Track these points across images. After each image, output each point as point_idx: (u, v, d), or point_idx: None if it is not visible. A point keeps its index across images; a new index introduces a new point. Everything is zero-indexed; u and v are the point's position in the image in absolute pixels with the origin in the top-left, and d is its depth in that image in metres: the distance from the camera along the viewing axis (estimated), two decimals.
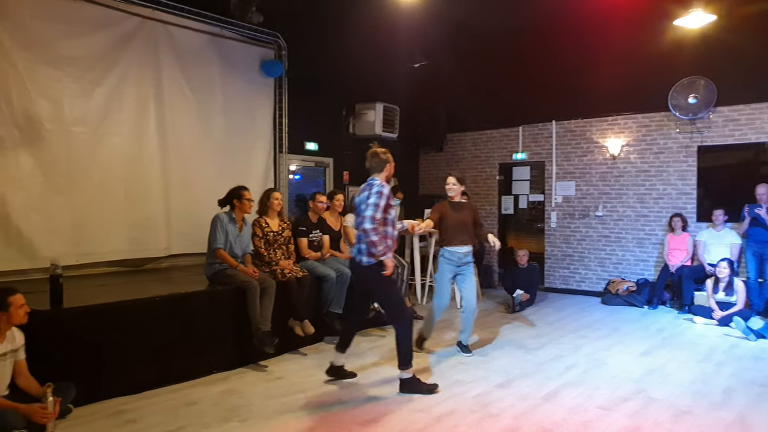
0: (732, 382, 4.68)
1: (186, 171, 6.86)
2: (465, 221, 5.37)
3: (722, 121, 7.79)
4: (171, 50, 6.74)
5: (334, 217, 6.39)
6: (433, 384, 4.44)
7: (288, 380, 4.72)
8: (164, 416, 3.91)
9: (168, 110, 6.70)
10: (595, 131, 8.86)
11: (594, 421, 3.87)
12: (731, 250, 7.35)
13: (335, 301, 5.90)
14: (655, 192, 8.34)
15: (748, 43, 7.17)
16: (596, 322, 7.02)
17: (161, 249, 6.63)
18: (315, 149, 8.76)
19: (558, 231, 9.23)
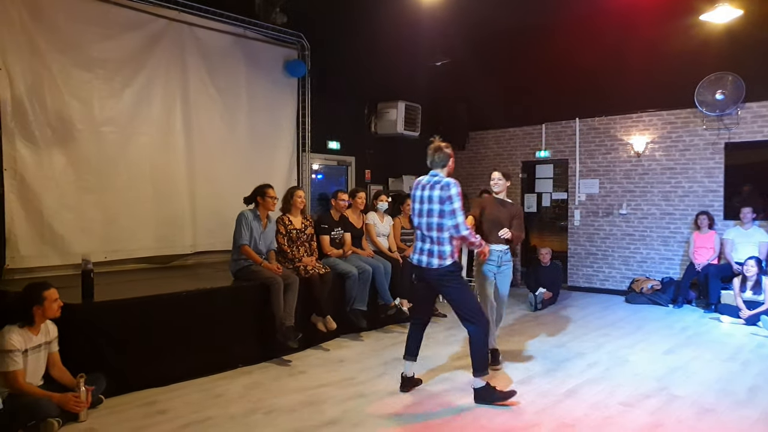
0: (758, 381, 4.63)
1: (211, 170, 6.99)
2: (501, 219, 4.85)
3: (751, 118, 7.65)
4: (197, 51, 6.88)
5: (355, 214, 6.46)
6: (511, 391, 4.10)
7: (311, 374, 4.81)
8: (192, 407, 4.02)
9: (194, 110, 6.84)
10: (619, 128, 8.78)
11: (615, 417, 3.87)
12: (760, 248, 7.23)
13: (359, 298, 5.97)
14: (681, 190, 8.23)
15: None
16: (619, 320, 6.97)
17: (187, 246, 6.78)
18: (337, 148, 8.84)
19: (581, 229, 9.16)
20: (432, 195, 4.04)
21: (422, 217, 4.10)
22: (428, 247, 4.06)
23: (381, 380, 4.64)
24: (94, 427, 3.68)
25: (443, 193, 3.98)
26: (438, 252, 4.01)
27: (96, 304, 4.29)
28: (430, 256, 4.04)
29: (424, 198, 4.08)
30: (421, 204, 4.11)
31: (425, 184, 4.13)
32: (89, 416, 3.79)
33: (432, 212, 4.03)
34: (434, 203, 4.02)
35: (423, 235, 4.10)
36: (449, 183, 4.02)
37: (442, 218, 4.00)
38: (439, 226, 4.01)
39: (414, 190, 4.21)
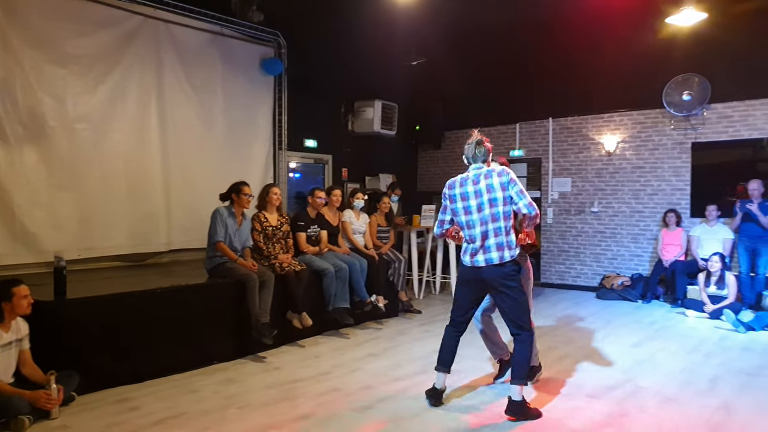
0: (719, 372, 4.80)
1: (187, 167, 6.98)
2: None
3: (716, 118, 7.89)
4: (172, 48, 6.86)
5: (332, 212, 6.52)
6: (537, 410, 3.84)
7: (286, 370, 4.85)
8: (166, 403, 4.04)
9: (169, 107, 6.83)
10: (591, 128, 8.96)
11: (582, 408, 3.99)
12: (724, 245, 7.46)
13: (339, 296, 6.02)
14: (650, 188, 8.45)
15: (740, 40, 7.26)
16: (590, 315, 7.13)
17: (162, 244, 6.76)
18: (314, 146, 8.87)
19: (554, 227, 9.34)
20: (490, 184, 3.75)
21: (477, 213, 3.79)
22: (491, 242, 3.76)
23: (355, 375, 4.71)
24: (67, 425, 3.68)
25: (503, 179, 3.74)
26: (506, 243, 3.75)
27: (68, 302, 4.28)
28: (499, 249, 3.74)
29: (481, 191, 3.77)
30: (475, 199, 3.79)
31: (474, 178, 3.83)
32: (61, 413, 3.79)
33: (494, 202, 3.74)
34: (494, 192, 3.74)
35: (481, 232, 3.78)
36: (504, 169, 3.82)
37: (506, 205, 3.75)
38: (506, 215, 3.75)
39: (453, 190, 3.91)
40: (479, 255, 3.81)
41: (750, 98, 7.60)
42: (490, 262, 3.77)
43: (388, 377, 4.63)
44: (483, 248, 3.79)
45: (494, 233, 3.76)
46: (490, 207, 3.76)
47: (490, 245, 3.77)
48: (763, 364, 5.03)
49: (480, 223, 3.79)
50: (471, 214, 3.83)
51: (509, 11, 8.35)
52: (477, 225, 3.80)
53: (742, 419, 3.77)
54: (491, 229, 3.76)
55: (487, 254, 3.79)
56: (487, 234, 3.77)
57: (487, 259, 3.79)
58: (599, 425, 3.68)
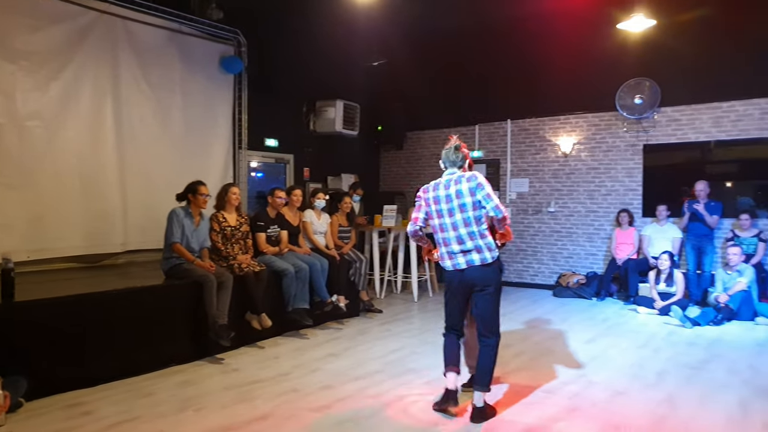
0: (666, 366, 4.99)
1: (144, 166, 6.86)
2: None
3: (666, 121, 8.19)
4: (129, 46, 6.73)
5: (292, 212, 6.50)
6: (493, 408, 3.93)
7: (244, 372, 4.82)
8: (120, 407, 3.97)
9: (125, 106, 6.69)
10: (548, 130, 9.18)
11: (536, 403, 4.09)
12: (673, 243, 7.75)
13: (299, 297, 5.99)
14: (604, 188, 8.71)
15: (686, 47, 7.57)
16: (546, 313, 7.31)
17: (118, 245, 6.63)
18: (275, 146, 8.82)
19: (512, 226, 9.43)
20: (459, 190, 3.79)
21: (448, 217, 3.83)
22: (468, 245, 3.79)
23: (315, 375, 4.71)
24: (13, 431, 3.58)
25: (472, 184, 3.77)
26: (485, 245, 3.77)
27: (16, 304, 4.15)
28: (478, 252, 3.77)
29: (451, 196, 3.81)
30: (446, 204, 3.83)
31: (446, 183, 3.86)
32: (8, 420, 3.68)
33: (464, 207, 3.77)
34: (463, 197, 3.78)
35: (456, 236, 3.81)
36: (474, 174, 3.85)
37: (476, 210, 3.76)
38: (477, 219, 3.77)
39: (427, 194, 3.94)
40: (459, 258, 3.84)
41: (696, 102, 7.92)
42: (472, 264, 3.81)
43: (348, 377, 4.65)
44: (461, 252, 3.82)
45: (469, 237, 3.78)
46: (461, 212, 3.79)
47: (468, 248, 3.80)
48: (707, 358, 5.25)
49: (452, 227, 3.83)
50: (443, 218, 3.86)
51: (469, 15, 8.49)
52: (449, 229, 3.85)
53: (685, 411, 3.94)
54: (465, 233, 3.79)
55: (467, 256, 3.82)
56: (461, 238, 3.81)
57: (468, 261, 3.82)
58: (552, 420, 3.78)
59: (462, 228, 3.79)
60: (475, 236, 3.76)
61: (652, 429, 3.64)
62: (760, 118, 7.55)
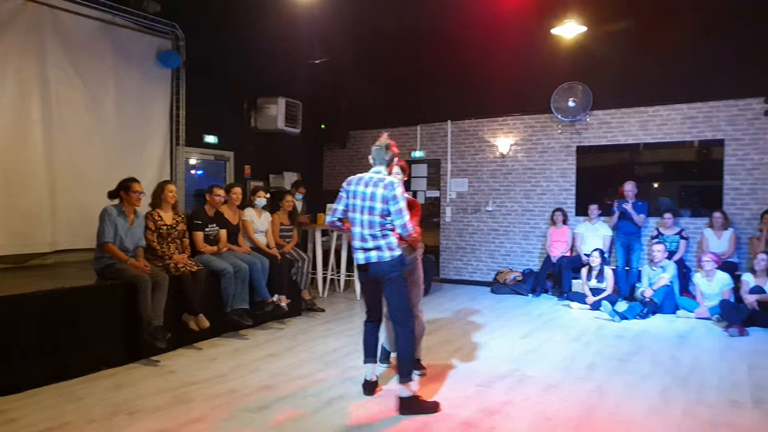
0: (596, 359, 5.23)
1: (75, 162, 6.58)
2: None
3: (597, 124, 8.56)
4: (57, 36, 6.43)
5: (231, 210, 6.40)
6: (435, 402, 3.99)
7: (181, 374, 4.72)
8: (48, 413, 3.81)
9: (54, 99, 6.39)
10: (486, 131, 9.41)
11: (473, 397, 4.21)
12: (603, 241, 8.12)
13: (238, 297, 5.90)
14: (540, 188, 9.01)
15: (616, 53, 7.95)
16: (484, 309, 7.50)
17: (47, 244, 6.32)
18: (215, 142, 8.65)
19: (452, 225, 9.71)
20: (374, 193, 3.92)
21: (359, 213, 3.96)
22: (374, 243, 3.94)
23: (254, 375, 4.67)
24: None
25: (387, 193, 3.89)
26: (387, 245, 3.94)
27: None
28: (377, 250, 3.93)
29: (366, 195, 3.94)
30: (362, 200, 3.95)
31: (367, 181, 3.98)
32: None
33: (372, 210, 3.91)
34: (375, 201, 3.90)
35: (360, 232, 3.96)
36: (393, 183, 3.95)
37: (384, 217, 3.92)
38: (381, 225, 3.92)
39: (349, 186, 4.04)
40: (360, 254, 4.03)
41: (625, 106, 8.32)
42: (369, 260, 3.99)
43: (288, 376, 4.63)
44: (362, 249, 4.00)
45: (371, 237, 3.95)
46: (369, 213, 3.94)
47: (368, 247, 3.97)
48: (633, 350, 5.54)
49: (360, 224, 3.99)
50: (356, 213, 4.01)
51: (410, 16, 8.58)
52: (358, 224, 4.00)
53: (612, 401, 4.14)
54: (367, 233, 3.96)
55: (367, 253, 3.99)
56: (363, 237, 3.98)
57: (366, 258, 4.00)
58: (487, 413, 3.90)
59: (366, 228, 3.95)
60: (376, 237, 3.94)
61: (582, 419, 3.81)
62: (681, 123, 8.01)
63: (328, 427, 3.65)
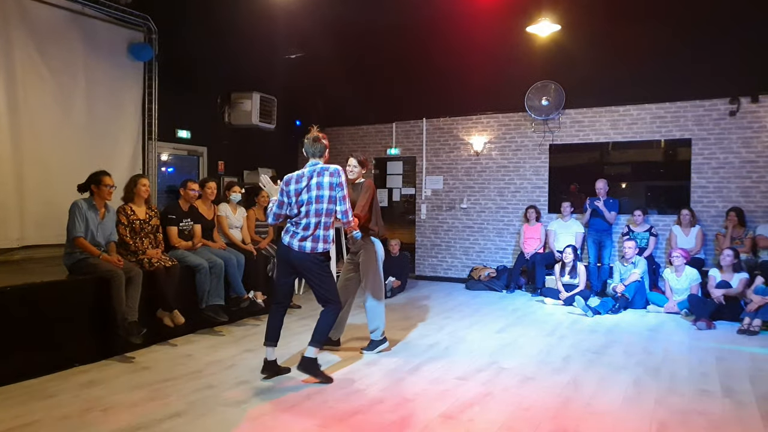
0: (570, 352, 5.31)
1: (43, 156, 6.39)
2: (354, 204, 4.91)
3: (569, 123, 8.69)
4: (23, 25, 6.24)
5: (206, 205, 6.31)
6: (330, 377, 4.35)
7: (156, 370, 4.63)
8: (17, 411, 3.70)
9: (21, 90, 6.20)
10: (461, 129, 9.47)
11: (451, 390, 4.23)
12: (576, 238, 8.25)
13: (213, 293, 5.82)
14: (513, 186, 9.11)
15: (589, 53, 8.06)
16: (459, 305, 7.56)
17: (13, 239, 6.13)
18: (187, 137, 8.51)
19: (427, 222, 9.76)
20: (321, 182, 4.14)
21: (305, 205, 4.15)
22: (311, 232, 4.14)
23: (231, 371, 4.61)
24: None
25: (333, 180, 4.15)
26: (323, 237, 4.16)
27: None
28: (314, 241, 4.14)
29: (309, 187, 4.15)
30: (306, 193, 4.15)
31: (309, 174, 4.18)
32: None
33: (321, 199, 4.14)
34: (323, 189, 4.14)
35: (305, 222, 4.15)
36: (338, 170, 4.20)
37: (331, 203, 4.16)
38: (328, 212, 4.17)
39: (290, 186, 4.18)
40: (295, 240, 4.18)
41: (597, 105, 8.47)
42: (303, 249, 4.16)
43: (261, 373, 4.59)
44: (301, 236, 4.16)
45: (314, 226, 4.15)
46: (317, 203, 4.15)
47: (307, 236, 4.15)
48: (606, 343, 5.65)
49: (306, 214, 4.16)
50: (302, 206, 4.18)
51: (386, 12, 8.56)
52: (303, 215, 4.17)
53: (587, 392, 4.21)
54: (313, 222, 4.15)
55: (303, 242, 4.16)
56: (309, 225, 4.15)
57: (300, 246, 4.16)
58: (466, 405, 3.92)
59: (313, 217, 4.16)
60: (320, 226, 4.16)
61: (559, 409, 3.86)
62: (651, 122, 8.20)
63: (309, 420, 3.63)
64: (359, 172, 5.23)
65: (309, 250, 4.16)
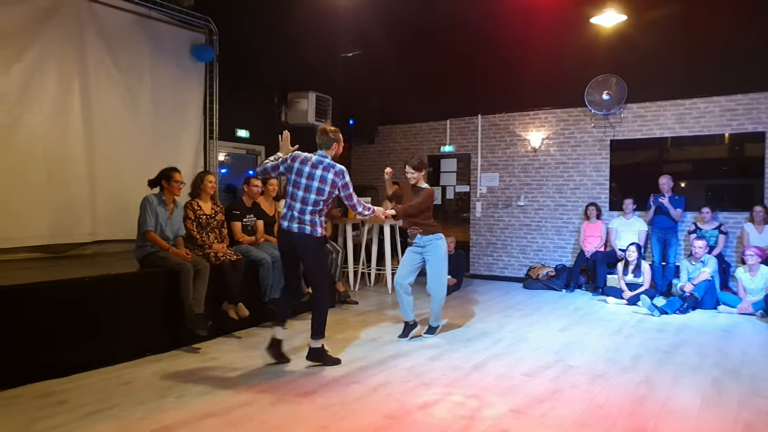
0: (639, 350, 5.13)
1: (113, 154, 6.65)
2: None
3: (632, 117, 8.42)
4: (96, 29, 6.51)
5: (268, 201, 6.41)
6: (337, 358, 4.64)
7: (223, 360, 4.73)
8: (97, 396, 3.83)
9: (94, 90, 6.48)
10: (517, 125, 9.32)
11: (519, 385, 4.14)
12: (639, 236, 7.98)
13: (276, 287, 5.89)
14: (572, 183, 8.89)
15: (654, 43, 7.79)
16: (519, 303, 7.42)
17: (86, 234, 6.40)
18: (246, 136, 8.68)
19: (482, 220, 9.63)
20: (324, 176, 4.37)
21: (303, 191, 4.39)
22: (301, 216, 4.38)
23: (295, 363, 4.64)
24: None
25: (338, 180, 4.39)
26: (310, 221, 4.39)
27: None
28: (301, 224, 4.37)
29: (312, 175, 4.38)
30: (307, 179, 4.38)
31: (315, 162, 4.42)
32: None
33: (320, 191, 4.37)
34: (325, 184, 4.36)
35: (300, 207, 4.38)
36: (343, 170, 4.43)
37: (327, 198, 4.40)
38: (315, 202, 4.37)
39: (296, 162, 4.44)
40: (294, 223, 4.40)
41: (661, 99, 8.17)
42: (303, 231, 4.39)
43: None
44: (295, 218, 4.39)
45: (310, 212, 4.39)
46: (315, 194, 4.37)
47: (304, 218, 4.38)
48: (677, 343, 5.42)
49: (302, 200, 4.39)
50: (299, 189, 4.40)
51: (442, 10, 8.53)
52: (299, 200, 4.40)
53: (663, 391, 4.05)
54: (309, 208, 4.38)
55: (301, 224, 4.39)
56: (304, 210, 4.38)
57: (300, 228, 4.39)
58: (536, 401, 3.83)
59: (308, 204, 4.38)
60: (315, 213, 4.39)
61: (634, 408, 3.72)
62: (720, 115, 7.85)
63: (377, 412, 3.62)
64: (417, 176, 5.50)
65: (308, 232, 4.38)
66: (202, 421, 3.42)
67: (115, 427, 3.35)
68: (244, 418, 3.50)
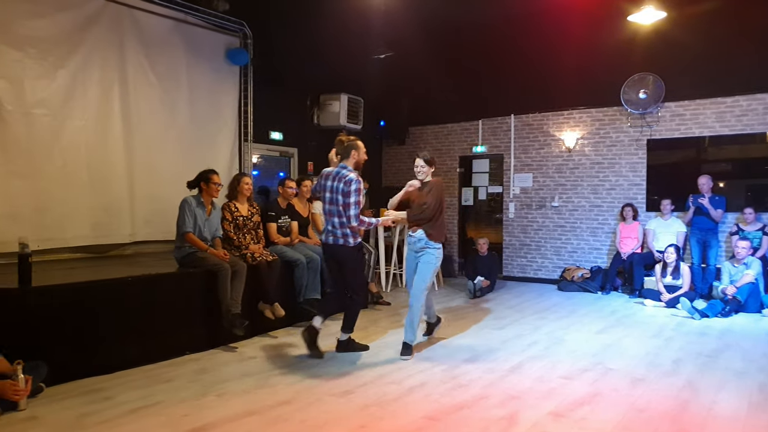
0: (680, 354, 5.01)
1: (151, 157, 6.79)
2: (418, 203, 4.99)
3: (669, 116, 8.24)
4: (135, 35, 6.66)
5: (302, 203, 6.46)
6: (365, 345, 5.07)
7: (260, 359, 4.79)
8: (140, 393, 3.92)
9: (133, 95, 6.62)
10: (551, 125, 9.21)
11: (557, 388, 4.09)
12: (677, 237, 7.79)
13: (310, 287, 5.96)
14: (608, 183, 8.74)
15: (694, 41, 7.58)
16: (554, 305, 7.33)
17: (126, 235, 6.55)
18: (280, 139, 8.78)
19: (516, 221, 9.54)
20: (337, 186, 4.62)
21: (327, 204, 4.70)
22: (335, 230, 4.68)
23: (331, 362, 4.69)
24: (36, 415, 3.52)
25: (345, 188, 4.57)
26: (342, 234, 4.66)
27: (34, 289, 4.09)
28: (335, 237, 4.68)
29: (330, 188, 4.66)
30: (330, 193, 4.66)
31: (334, 176, 4.67)
32: (29, 405, 3.63)
33: (336, 201, 4.62)
34: (337, 194, 4.61)
35: (331, 220, 4.69)
36: (351, 179, 4.58)
37: (344, 208, 4.60)
38: (339, 214, 4.63)
39: (321, 179, 4.77)
40: (330, 236, 4.73)
41: (700, 98, 7.98)
42: (336, 243, 4.69)
43: (365, 364, 4.64)
44: (332, 233, 4.70)
45: (339, 225, 4.66)
46: (335, 205, 4.65)
47: (336, 231, 4.69)
48: (720, 347, 5.28)
49: (329, 213, 4.72)
50: (326, 203, 4.74)
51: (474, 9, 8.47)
52: (328, 213, 4.73)
53: (707, 396, 3.95)
54: (336, 221, 4.66)
55: (335, 238, 4.70)
56: (333, 223, 4.69)
57: (334, 240, 4.70)
58: (576, 404, 3.78)
59: (336, 216, 4.66)
60: (343, 225, 4.64)
61: (677, 413, 3.64)
62: (764, 113, 7.62)
63: (415, 413, 3.62)
64: (427, 171, 5.11)
65: (342, 243, 4.66)
66: (244, 419, 3.48)
67: (159, 423, 3.42)
68: (284, 416, 3.54)
